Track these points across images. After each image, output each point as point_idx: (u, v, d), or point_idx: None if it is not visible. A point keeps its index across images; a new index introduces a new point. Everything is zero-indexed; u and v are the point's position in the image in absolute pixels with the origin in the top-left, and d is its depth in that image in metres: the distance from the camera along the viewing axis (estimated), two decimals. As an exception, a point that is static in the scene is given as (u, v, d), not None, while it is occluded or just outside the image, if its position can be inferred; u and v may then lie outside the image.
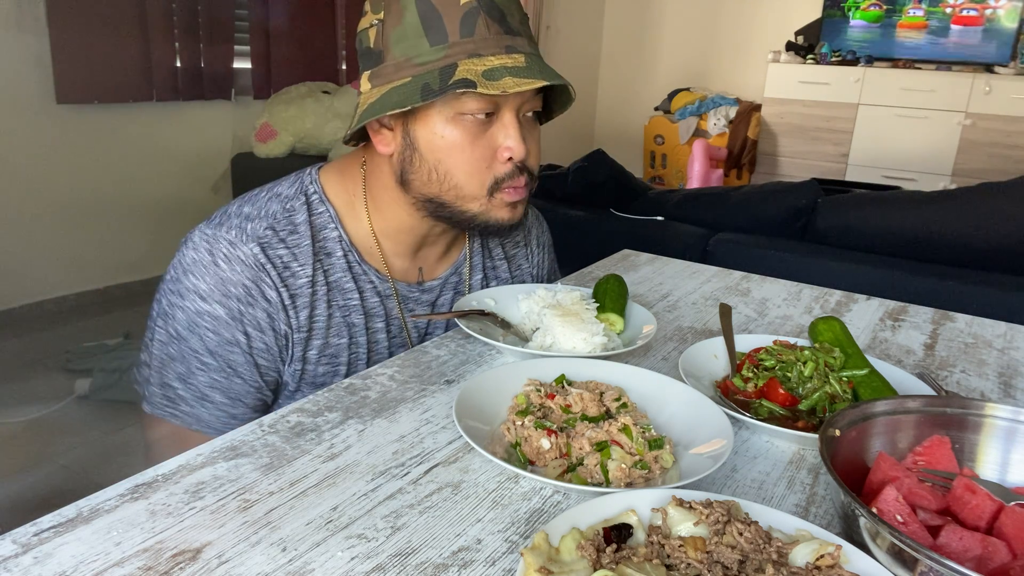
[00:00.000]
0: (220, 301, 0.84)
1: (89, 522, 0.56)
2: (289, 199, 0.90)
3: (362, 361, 0.94)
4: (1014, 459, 0.65)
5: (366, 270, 0.93)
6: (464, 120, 0.84)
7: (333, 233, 0.91)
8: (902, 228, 1.95)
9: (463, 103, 0.83)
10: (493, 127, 0.86)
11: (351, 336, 0.92)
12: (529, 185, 0.91)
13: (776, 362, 0.83)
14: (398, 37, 0.83)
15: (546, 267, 1.17)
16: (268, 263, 0.85)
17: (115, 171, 3.41)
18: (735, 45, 5.68)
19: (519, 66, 0.82)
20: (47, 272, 3.25)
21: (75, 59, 3.11)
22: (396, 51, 0.84)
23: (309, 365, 0.90)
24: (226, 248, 0.85)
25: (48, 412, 2.46)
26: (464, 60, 0.81)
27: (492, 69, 0.80)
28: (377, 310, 0.95)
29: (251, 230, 0.86)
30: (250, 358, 0.86)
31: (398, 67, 0.83)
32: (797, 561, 0.50)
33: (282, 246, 0.87)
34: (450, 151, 0.85)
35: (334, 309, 0.90)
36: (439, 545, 0.56)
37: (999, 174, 4.33)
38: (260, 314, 0.85)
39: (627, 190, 2.36)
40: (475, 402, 0.73)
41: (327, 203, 0.92)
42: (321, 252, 0.90)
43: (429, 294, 1.01)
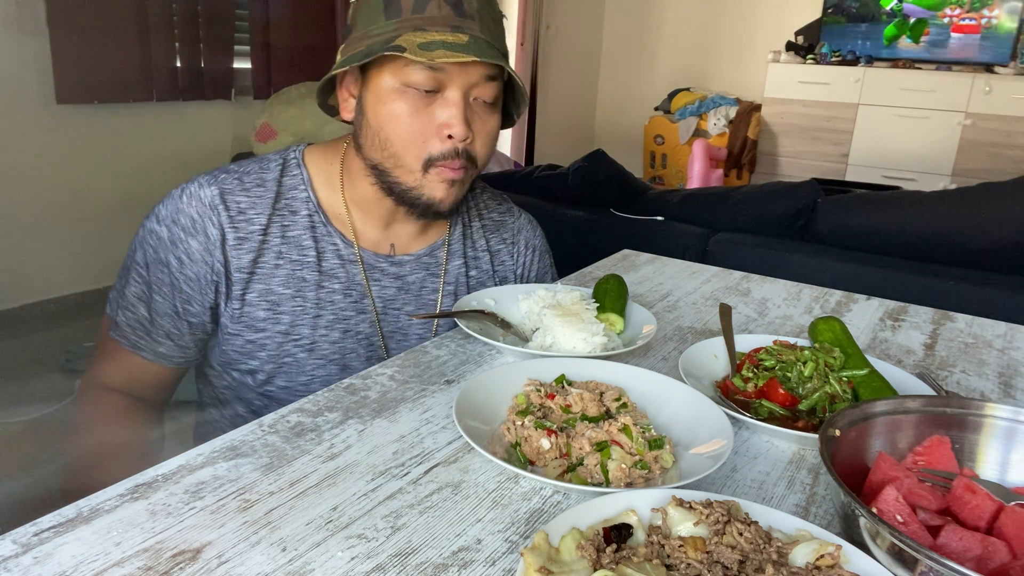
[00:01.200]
0: (168, 225, 0.94)
1: (89, 522, 0.56)
2: (268, 160, 1.00)
3: (308, 315, 0.97)
4: (1014, 459, 0.65)
5: (331, 232, 0.98)
6: (408, 92, 0.89)
7: (302, 194, 0.98)
8: (902, 228, 1.95)
9: (407, 74, 0.88)
10: (436, 103, 0.90)
11: (298, 289, 0.96)
12: (468, 170, 0.94)
13: (776, 362, 0.83)
14: (364, 13, 0.91)
15: (535, 270, 1.19)
16: (221, 205, 0.93)
17: (115, 171, 3.41)
18: (735, 45, 5.68)
19: (458, 43, 0.86)
20: (47, 272, 3.25)
21: (75, 59, 3.11)
22: (360, 24, 0.91)
23: (248, 307, 0.95)
24: (193, 187, 0.94)
25: (48, 412, 2.46)
26: (408, 32, 0.87)
27: (430, 42, 0.85)
28: (336, 272, 0.98)
29: (221, 178, 0.95)
30: (176, 281, 0.94)
31: (359, 39, 0.91)
32: (797, 561, 0.50)
33: (244, 195, 0.95)
34: (390, 119, 0.90)
35: (284, 261, 0.96)
36: (439, 545, 0.56)
37: (999, 174, 4.33)
38: (195, 245, 0.93)
39: (627, 190, 2.36)
40: (475, 402, 0.73)
41: (303, 168, 1.00)
42: (285, 208, 0.97)
43: (398, 267, 1.03)
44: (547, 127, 5.80)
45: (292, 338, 0.97)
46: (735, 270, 1.35)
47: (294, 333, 0.97)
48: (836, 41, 5.10)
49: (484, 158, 0.95)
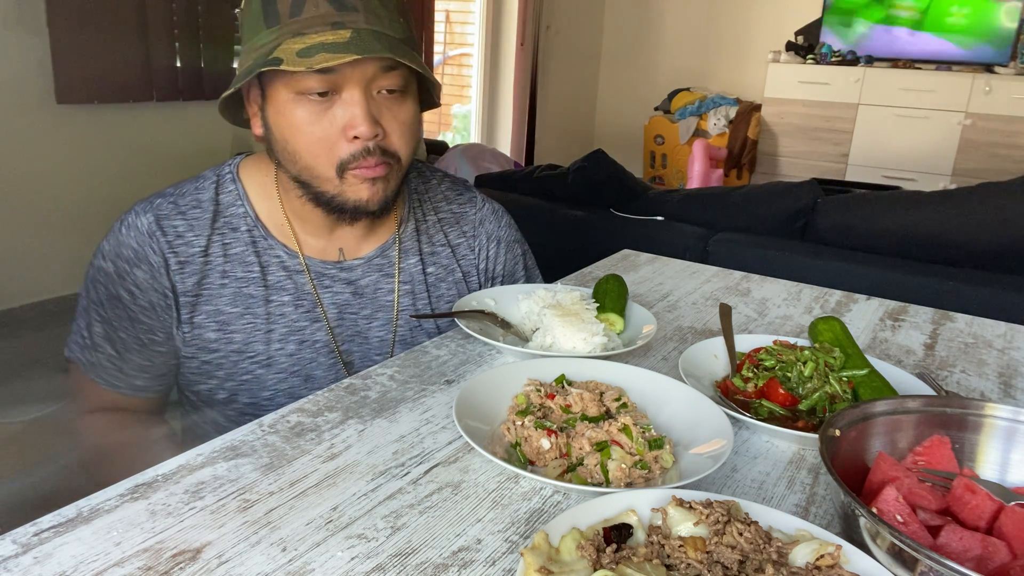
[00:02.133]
0: (112, 260, 0.93)
1: (89, 522, 0.56)
2: (203, 179, 0.98)
3: (260, 331, 0.95)
4: (1014, 459, 0.65)
5: (272, 245, 0.96)
6: (305, 99, 0.85)
7: (239, 210, 0.96)
8: (902, 228, 1.95)
9: (299, 82, 0.83)
10: (336, 105, 0.85)
11: (246, 307, 0.95)
12: (391, 165, 0.89)
13: (776, 362, 0.83)
14: (248, 23, 0.88)
15: (501, 262, 1.13)
16: (159, 231, 0.92)
17: (115, 171, 3.41)
18: (735, 45, 5.68)
19: (339, 41, 0.81)
20: (47, 272, 3.25)
21: (75, 59, 3.11)
22: (246, 36, 0.88)
23: (198, 329, 0.94)
24: (131, 218, 0.93)
25: (48, 412, 2.46)
26: (287, 39, 0.82)
27: (308, 47, 0.81)
28: (283, 284, 0.96)
29: (156, 204, 0.94)
30: (133, 314, 0.93)
31: (247, 52, 0.88)
32: (797, 561, 0.50)
33: (180, 218, 0.94)
34: (293, 131, 0.87)
35: (229, 280, 0.94)
36: (439, 545, 0.56)
37: (999, 174, 4.33)
38: (140, 274, 0.92)
39: (627, 190, 2.36)
40: (475, 402, 0.73)
41: (238, 183, 0.97)
42: (225, 227, 0.95)
43: (348, 272, 1.00)
44: (547, 127, 5.80)
45: (247, 356, 0.95)
46: (735, 270, 1.35)
47: (248, 351, 0.95)
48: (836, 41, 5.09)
49: (406, 149, 0.91)
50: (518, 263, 1.17)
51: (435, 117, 5.46)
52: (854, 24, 5.08)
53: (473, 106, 5.52)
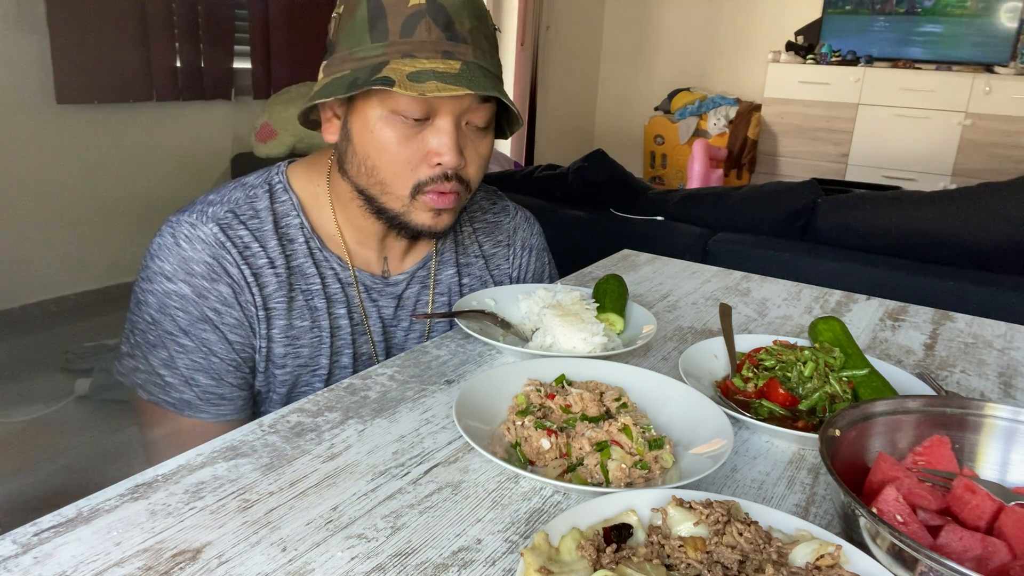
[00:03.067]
0: (184, 280, 0.87)
1: (89, 522, 0.56)
2: (253, 187, 0.94)
3: (325, 344, 0.95)
4: (1014, 459, 0.65)
5: (327, 257, 0.95)
6: (396, 119, 0.85)
7: (295, 220, 0.94)
8: (902, 228, 1.95)
9: (396, 102, 0.83)
10: (427, 131, 0.86)
11: (313, 320, 0.94)
12: (460, 194, 0.91)
13: (776, 362, 0.83)
14: (348, 31, 0.86)
15: (531, 270, 1.16)
16: (228, 241, 0.88)
17: (115, 171, 3.41)
18: (735, 45, 5.68)
19: (450, 72, 0.81)
20: (47, 272, 3.25)
21: (75, 59, 3.11)
22: (344, 44, 0.86)
23: (273, 343, 0.92)
24: (187, 230, 0.88)
25: (48, 412, 2.46)
26: (397, 59, 0.82)
27: (420, 72, 0.81)
28: (339, 296, 0.96)
29: (211, 213, 0.89)
30: (222, 334, 0.88)
31: (343, 59, 0.86)
32: (797, 561, 0.50)
33: (242, 228, 0.90)
34: (378, 147, 0.87)
35: (296, 292, 0.93)
36: (439, 545, 0.56)
37: (999, 174, 4.34)
38: (224, 289, 0.87)
39: (627, 190, 2.36)
40: (475, 402, 0.73)
41: (291, 192, 0.95)
42: (284, 237, 0.93)
43: (394, 287, 1.01)
44: (547, 127, 5.80)
45: (311, 369, 0.94)
46: (735, 270, 1.35)
47: (313, 364, 0.94)
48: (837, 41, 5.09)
49: (477, 180, 0.93)
50: (544, 270, 1.19)
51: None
52: (854, 24, 5.08)
53: (473, 106, 5.50)
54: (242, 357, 0.90)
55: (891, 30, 4.95)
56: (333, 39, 0.88)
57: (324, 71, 0.89)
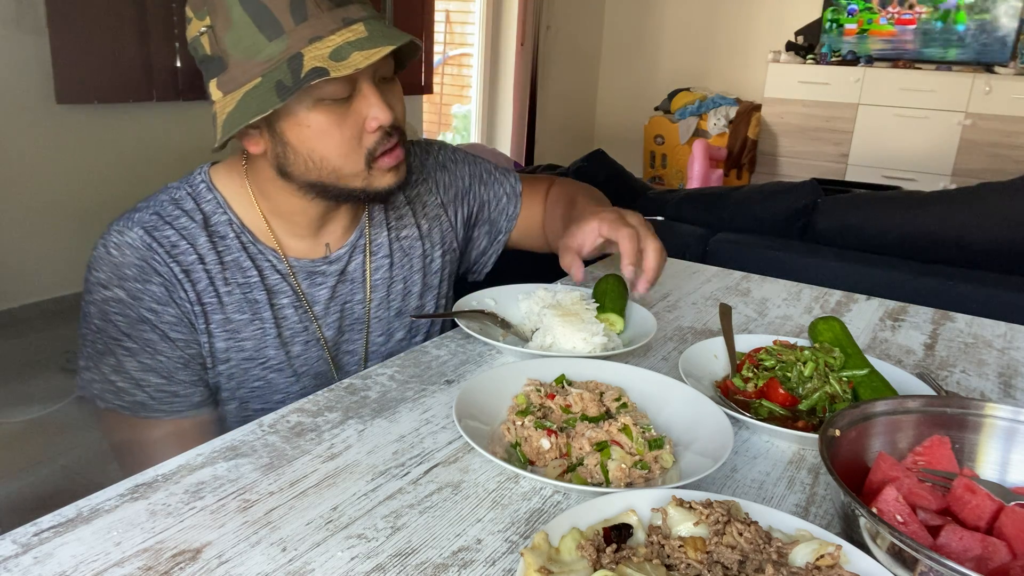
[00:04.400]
0: (118, 285, 0.88)
1: (89, 522, 0.56)
2: (177, 189, 0.94)
3: (270, 336, 0.94)
4: (1014, 459, 0.65)
5: (262, 250, 0.95)
6: (324, 105, 0.84)
7: (223, 217, 0.94)
8: (902, 228, 1.95)
9: (320, 89, 0.82)
10: (355, 101, 0.86)
11: (254, 312, 0.93)
12: (403, 144, 0.91)
13: (776, 362, 0.83)
14: (234, 40, 0.82)
15: (464, 180, 1.14)
16: (154, 242, 0.88)
17: (115, 171, 3.41)
18: (735, 45, 5.68)
19: (361, 37, 0.81)
20: (47, 272, 3.25)
21: (75, 59, 3.11)
22: (236, 53, 0.83)
23: (214, 338, 0.92)
24: (116, 238, 0.89)
25: (48, 412, 2.46)
26: (307, 47, 0.80)
27: (338, 48, 0.80)
28: (281, 287, 0.96)
29: (137, 219, 0.90)
30: (162, 332, 0.88)
31: (244, 69, 0.82)
32: (797, 561, 0.50)
33: (168, 228, 0.90)
34: (320, 138, 0.86)
35: (232, 286, 0.92)
36: (439, 545, 0.56)
37: (999, 174, 4.33)
38: (156, 289, 0.88)
39: (627, 190, 2.36)
40: (475, 402, 0.73)
41: (215, 191, 0.94)
42: (215, 235, 0.92)
43: (337, 264, 1.00)
44: (547, 127, 5.80)
45: (258, 362, 0.94)
46: (735, 270, 1.35)
47: (259, 356, 0.94)
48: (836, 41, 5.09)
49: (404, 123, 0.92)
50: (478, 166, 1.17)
51: (435, 117, 5.46)
52: (854, 24, 5.08)
53: (473, 106, 5.52)
54: (188, 353, 0.91)
55: (890, 32, 4.95)
56: (215, 54, 0.84)
57: (221, 88, 0.85)
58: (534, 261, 1.29)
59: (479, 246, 1.19)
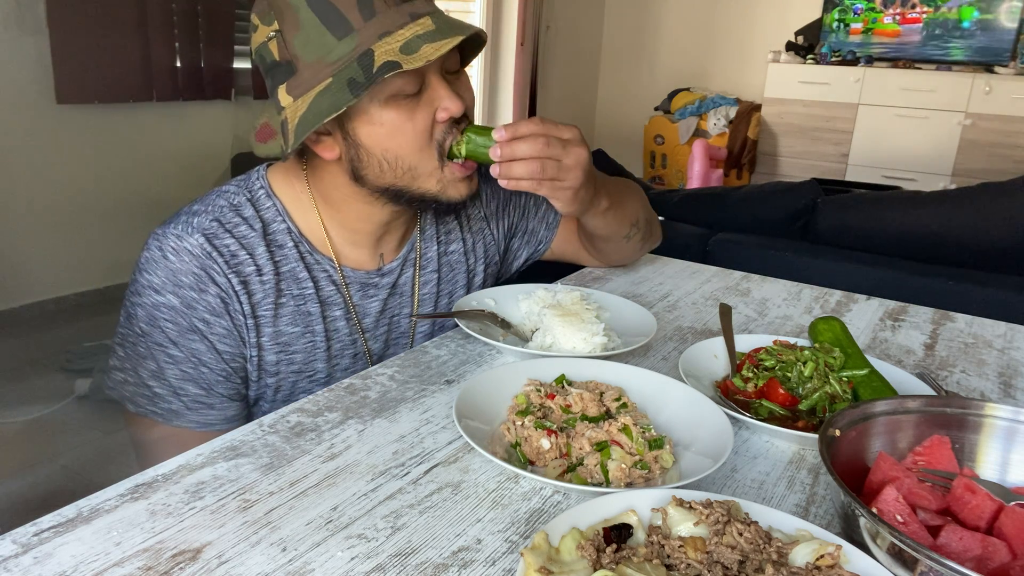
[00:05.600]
0: (173, 291, 0.86)
1: (89, 522, 0.56)
2: (235, 194, 0.92)
3: (320, 349, 0.94)
4: (1014, 459, 0.65)
5: (319, 260, 0.94)
6: (395, 101, 0.84)
7: (282, 226, 0.92)
8: (902, 228, 1.95)
9: (391, 85, 0.82)
10: (425, 95, 0.85)
11: (306, 325, 0.93)
12: None
13: (776, 362, 0.83)
14: (303, 42, 0.82)
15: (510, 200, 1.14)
16: (215, 251, 0.87)
17: (115, 171, 3.41)
18: (735, 45, 5.68)
19: (430, 30, 0.81)
20: (47, 272, 3.25)
21: (75, 59, 3.11)
22: (306, 55, 0.82)
23: (264, 351, 0.91)
24: (173, 242, 0.87)
25: (48, 412, 2.46)
26: (377, 43, 0.80)
27: (407, 42, 0.79)
28: (334, 299, 0.95)
29: (196, 223, 0.88)
30: (211, 344, 0.87)
31: (315, 71, 0.82)
32: (797, 561, 0.50)
33: (228, 236, 0.88)
34: (393, 135, 0.85)
35: (286, 298, 0.91)
36: (439, 545, 0.56)
37: (999, 174, 4.33)
38: (213, 299, 0.86)
39: (627, 190, 2.35)
40: (475, 402, 0.73)
41: (274, 198, 0.93)
42: (272, 243, 0.91)
43: (389, 276, 1.00)
44: (547, 127, 5.79)
45: (307, 375, 0.93)
46: (735, 270, 1.35)
47: (308, 370, 0.93)
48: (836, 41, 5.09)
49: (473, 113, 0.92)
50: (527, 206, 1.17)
51: (435, 117, 5.46)
52: (854, 24, 5.08)
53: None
54: (232, 367, 0.89)
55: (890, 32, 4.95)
56: (283, 58, 0.83)
57: (291, 93, 0.84)
58: (533, 261, 1.29)
59: (519, 256, 1.20)
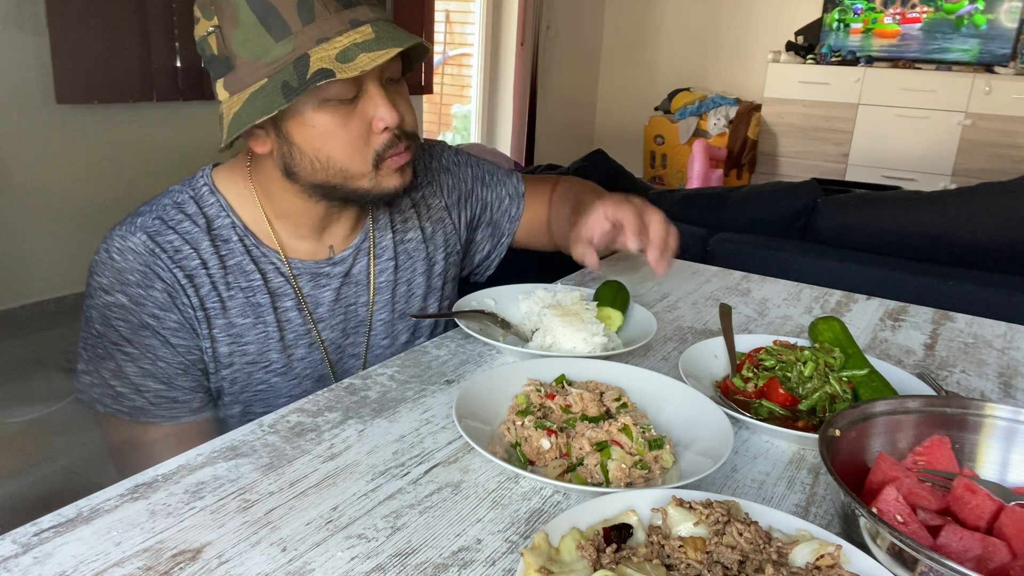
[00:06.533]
0: (120, 290, 0.87)
1: (89, 522, 0.56)
2: (179, 193, 0.94)
3: (273, 339, 0.94)
4: (1014, 459, 0.65)
5: (265, 252, 0.95)
6: (330, 106, 0.84)
7: (226, 220, 0.93)
8: (902, 228, 1.95)
9: (326, 90, 0.82)
10: (361, 102, 0.86)
11: (257, 316, 0.93)
12: (411, 148, 0.91)
13: (776, 362, 0.83)
14: (240, 40, 0.82)
15: (467, 182, 1.14)
16: (157, 248, 0.88)
17: (115, 171, 3.41)
18: (735, 45, 5.68)
19: (368, 39, 0.81)
20: (47, 272, 3.25)
21: (75, 59, 3.11)
22: (243, 53, 0.82)
23: (217, 343, 0.91)
24: (118, 243, 0.89)
25: (48, 412, 2.46)
26: (313, 48, 0.80)
27: (344, 50, 0.80)
28: (284, 289, 0.95)
29: (140, 223, 0.90)
30: (164, 339, 0.88)
31: (251, 70, 0.83)
32: (797, 561, 0.50)
33: (171, 233, 0.90)
34: (325, 138, 0.85)
35: (235, 290, 0.92)
36: (439, 545, 0.56)
37: (999, 174, 4.33)
38: (159, 294, 0.88)
39: (627, 190, 2.35)
40: (475, 402, 0.73)
41: (218, 194, 0.94)
42: (218, 238, 0.92)
43: (341, 266, 1.00)
44: (547, 127, 5.80)
45: (262, 365, 0.94)
46: (735, 270, 1.35)
47: (263, 360, 0.94)
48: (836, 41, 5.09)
49: (415, 125, 0.92)
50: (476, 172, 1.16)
51: (435, 117, 5.46)
52: (854, 24, 5.08)
53: (473, 106, 5.52)
54: (189, 360, 0.90)
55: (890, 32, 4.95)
56: (222, 54, 0.84)
57: (227, 89, 0.85)
58: (534, 261, 1.29)
59: (482, 249, 1.19)
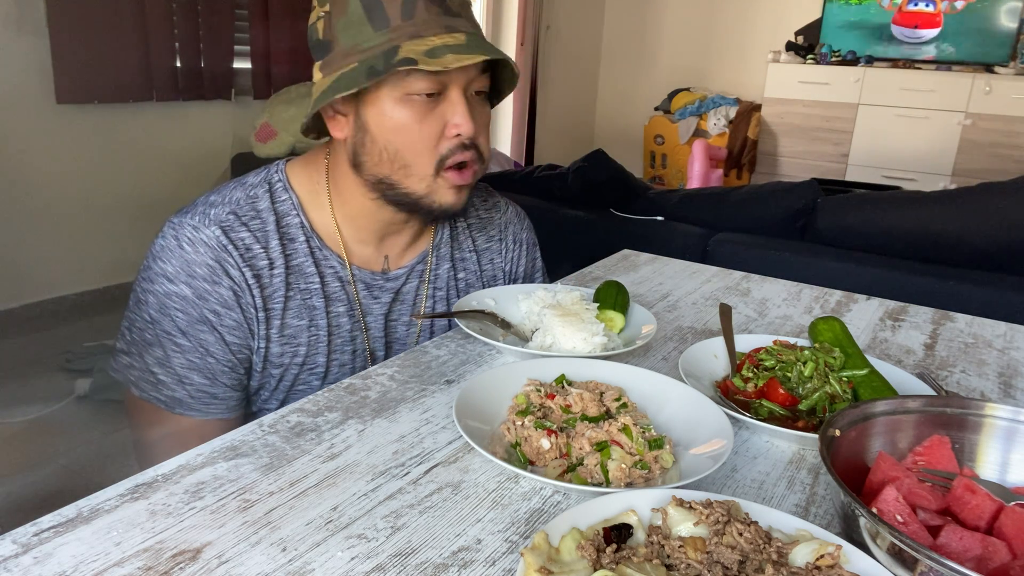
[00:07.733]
0: (186, 281, 0.88)
1: (89, 522, 0.56)
2: (253, 187, 0.95)
3: (322, 343, 0.95)
4: (1014, 459, 0.65)
5: (327, 255, 0.96)
6: (412, 100, 0.87)
7: (295, 220, 0.95)
8: (902, 228, 1.95)
9: (410, 83, 0.86)
10: (441, 106, 0.88)
11: (311, 319, 0.94)
12: (477, 167, 0.93)
13: (776, 362, 0.83)
14: (344, 26, 0.87)
15: (523, 265, 1.17)
16: (230, 244, 0.89)
17: (115, 171, 3.41)
18: (735, 45, 5.68)
19: (459, 43, 0.85)
20: (47, 272, 3.25)
21: (75, 59, 3.11)
22: (343, 39, 0.87)
23: (271, 343, 0.92)
24: (190, 232, 0.89)
25: (48, 412, 2.46)
26: (406, 41, 0.84)
27: (433, 48, 0.83)
28: (339, 295, 0.97)
29: (214, 215, 0.90)
30: (219, 336, 0.89)
31: (345, 54, 0.87)
32: (797, 561, 0.50)
33: (244, 229, 0.91)
34: (399, 131, 0.88)
35: (294, 291, 0.93)
36: (439, 545, 0.56)
37: (999, 174, 4.33)
38: (225, 292, 0.88)
39: (627, 190, 2.36)
40: (475, 402, 0.73)
41: (290, 191, 0.95)
42: (285, 237, 0.93)
43: (393, 282, 1.02)
44: (547, 127, 5.80)
45: (307, 368, 0.95)
46: (735, 270, 1.35)
47: (309, 363, 0.95)
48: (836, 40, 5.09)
49: (487, 151, 0.94)
50: (535, 265, 1.20)
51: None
52: (854, 23, 5.08)
53: (473, 106, 5.51)
54: (238, 358, 0.91)
55: (890, 32, 4.95)
56: (325, 38, 0.89)
57: (322, 71, 0.90)
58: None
59: None
